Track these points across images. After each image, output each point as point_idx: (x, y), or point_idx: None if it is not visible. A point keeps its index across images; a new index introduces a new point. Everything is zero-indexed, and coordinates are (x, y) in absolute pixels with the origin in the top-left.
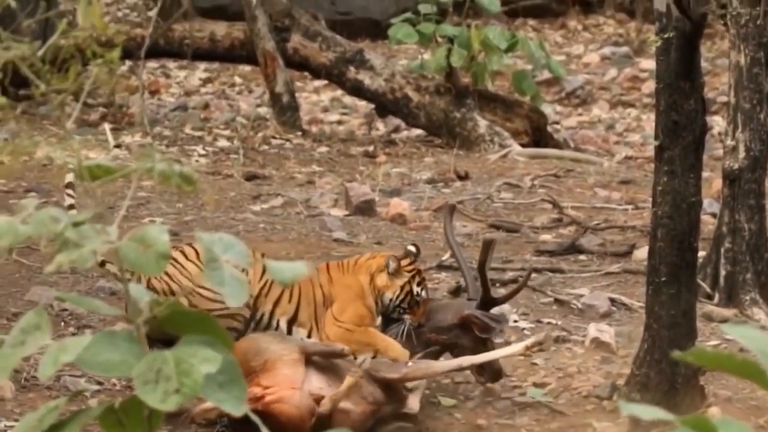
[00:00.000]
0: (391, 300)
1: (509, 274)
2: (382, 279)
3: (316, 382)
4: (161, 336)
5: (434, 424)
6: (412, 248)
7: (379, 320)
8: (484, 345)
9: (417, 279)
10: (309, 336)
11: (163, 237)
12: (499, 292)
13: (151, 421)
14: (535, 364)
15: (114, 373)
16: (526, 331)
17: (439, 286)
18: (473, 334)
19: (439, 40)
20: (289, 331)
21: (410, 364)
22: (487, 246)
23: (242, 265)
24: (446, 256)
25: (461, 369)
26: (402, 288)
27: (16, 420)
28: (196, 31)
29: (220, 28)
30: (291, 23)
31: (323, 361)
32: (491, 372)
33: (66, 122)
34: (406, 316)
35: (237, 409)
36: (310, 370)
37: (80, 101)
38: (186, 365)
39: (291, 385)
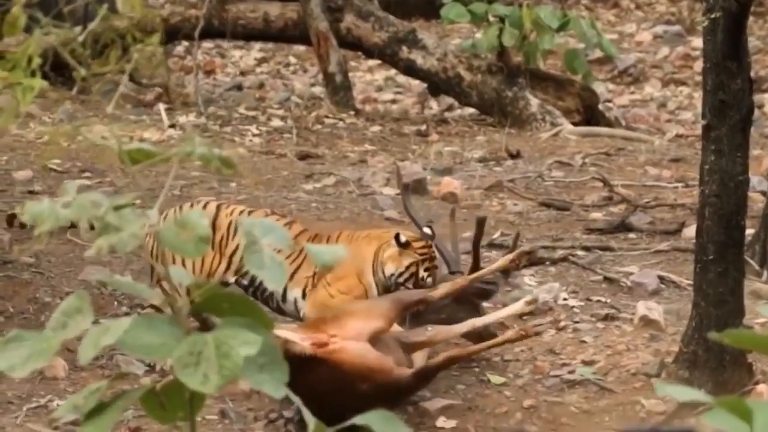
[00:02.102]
0: (393, 275)
1: (559, 253)
2: (387, 252)
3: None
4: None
5: (484, 401)
6: (428, 230)
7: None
8: (479, 313)
9: (426, 264)
10: (303, 295)
11: (202, 221)
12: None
13: (192, 404)
14: (584, 341)
15: (154, 355)
16: (575, 309)
17: (487, 264)
18: (469, 306)
19: (491, 19)
20: (284, 290)
21: (430, 328)
22: (481, 224)
23: (280, 248)
24: (496, 234)
25: (474, 329)
26: (407, 267)
27: (84, 398)
28: (249, 11)
29: (273, 9)
30: (344, 3)
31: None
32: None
33: (108, 105)
34: None
35: (277, 391)
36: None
37: (120, 86)
38: (226, 347)
39: (356, 337)
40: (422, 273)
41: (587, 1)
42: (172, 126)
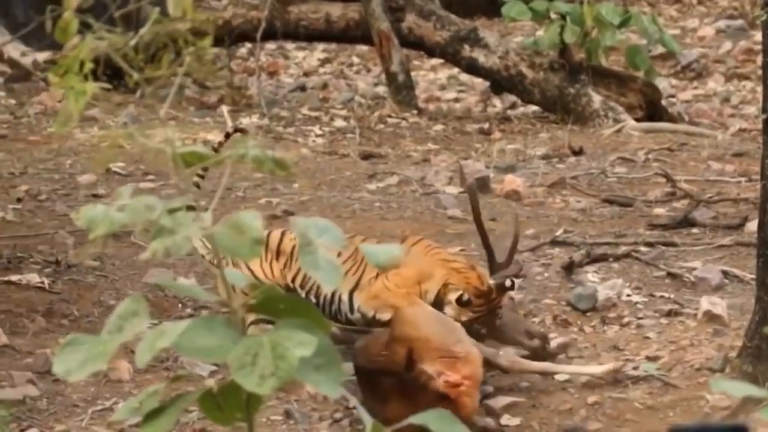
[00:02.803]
0: (445, 307)
1: (622, 249)
2: (450, 296)
3: None
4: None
5: (548, 399)
6: (508, 283)
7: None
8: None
9: (481, 320)
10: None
11: (256, 223)
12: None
13: (250, 405)
14: (648, 337)
15: (211, 358)
16: (638, 305)
17: (552, 262)
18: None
19: (553, 16)
20: (351, 300)
21: (515, 358)
22: (473, 193)
23: (336, 249)
24: (559, 232)
25: (548, 373)
26: (461, 321)
27: (141, 401)
28: (311, 12)
29: (335, 9)
30: (405, 3)
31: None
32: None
33: (161, 109)
34: None
35: (333, 391)
36: None
37: (172, 89)
38: (281, 349)
39: (478, 385)
40: (476, 326)
41: None
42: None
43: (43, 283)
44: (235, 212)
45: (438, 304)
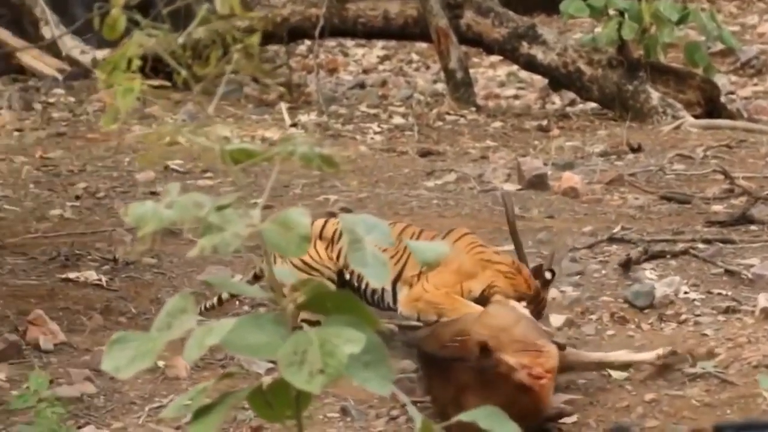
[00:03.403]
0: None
1: (680, 246)
2: (495, 298)
3: None
4: None
5: (605, 396)
6: (548, 275)
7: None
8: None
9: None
10: None
11: (304, 220)
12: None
13: (299, 402)
14: (705, 334)
15: (260, 355)
16: (696, 302)
17: (609, 259)
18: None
19: (611, 13)
20: (394, 290)
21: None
22: (508, 201)
23: (384, 246)
24: (617, 229)
25: (604, 362)
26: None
27: (191, 398)
28: (369, 9)
29: (393, 6)
30: (463, 0)
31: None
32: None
33: (207, 106)
34: None
35: (382, 388)
36: None
37: (221, 87)
38: (330, 346)
39: (553, 378)
40: None
41: None
42: (294, 125)
43: (100, 280)
44: (283, 209)
45: (482, 303)
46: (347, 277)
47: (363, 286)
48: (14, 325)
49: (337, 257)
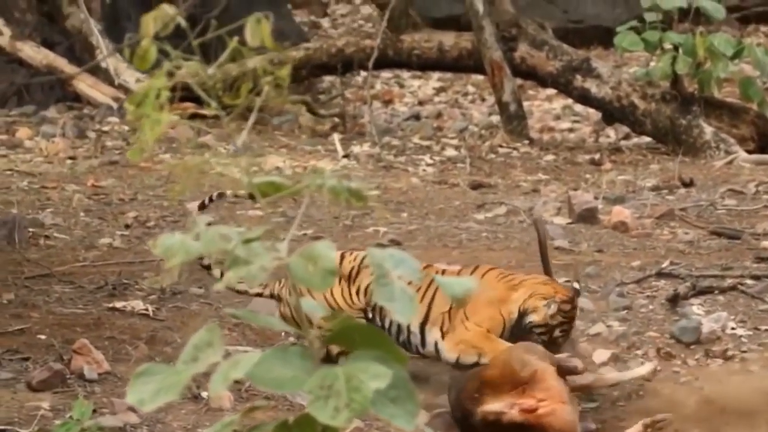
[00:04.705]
0: (531, 323)
1: (728, 282)
2: (538, 304)
3: None
4: None
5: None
6: (577, 286)
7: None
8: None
9: (564, 326)
10: (442, 333)
11: (330, 253)
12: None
13: None
14: (751, 371)
15: (285, 389)
16: (743, 339)
17: (657, 294)
18: None
19: (666, 47)
20: (422, 333)
21: (593, 376)
22: (541, 226)
23: (413, 281)
24: (665, 263)
25: (618, 382)
26: (547, 325)
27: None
28: (424, 41)
29: (447, 39)
30: (518, 33)
31: None
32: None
33: (236, 138)
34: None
35: (409, 424)
36: None
37: (251, 119)
38: (356, 381)
39: (561, 399)
40: (557, 333)
41: (767, 29)
42: (346, 156)
43: (147, 310)
44: (310, 243)
45: (522, 318)
46: (370, 315)
47: (387, 325)
48: (59, 354)
49: (356, 294)
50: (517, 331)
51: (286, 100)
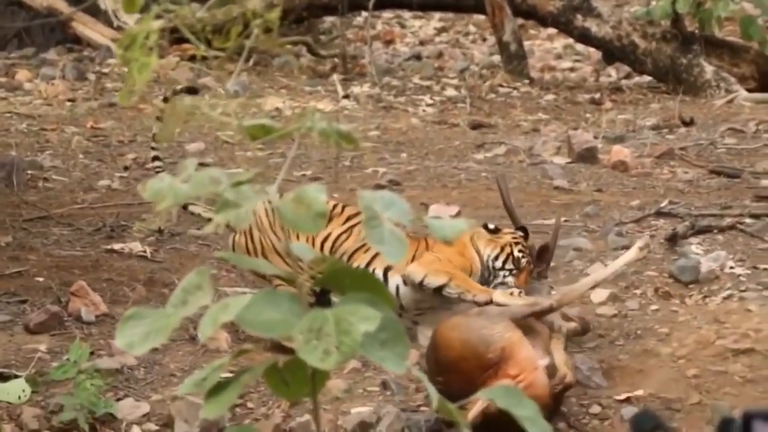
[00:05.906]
0: (490, 257)
1: (727, 221)
2: (480, 237)
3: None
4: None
5: (648, 370)
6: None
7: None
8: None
9: (519, 246)
10: (404, 282)
11: (320, 196)
12: None
13: (315, 380)
14: (750, 310)
15: (274, 332)
16: (741, 278)
17: (656, 233)
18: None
19: None
20: (385, 278)
21: (554, 292)
22: (503, 183)
23: (403, 223)
24: (665, 203)
25: (597, 283)
26: (503, 248)
27: (231, 371)
28: None
29: None
30: None
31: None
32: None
33: (227, 82)
34: (510, 279)
35: (399, 366)
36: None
37: (240, 62)
38: (346, 324)
39: (533, 367)
40: (517, 253)
41: None
42: (346, 97)
43: (145, 251)
44: (300, 186)
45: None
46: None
47: None
48: (57, 297)
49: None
50: (488, 274)
51: (276, 43)
